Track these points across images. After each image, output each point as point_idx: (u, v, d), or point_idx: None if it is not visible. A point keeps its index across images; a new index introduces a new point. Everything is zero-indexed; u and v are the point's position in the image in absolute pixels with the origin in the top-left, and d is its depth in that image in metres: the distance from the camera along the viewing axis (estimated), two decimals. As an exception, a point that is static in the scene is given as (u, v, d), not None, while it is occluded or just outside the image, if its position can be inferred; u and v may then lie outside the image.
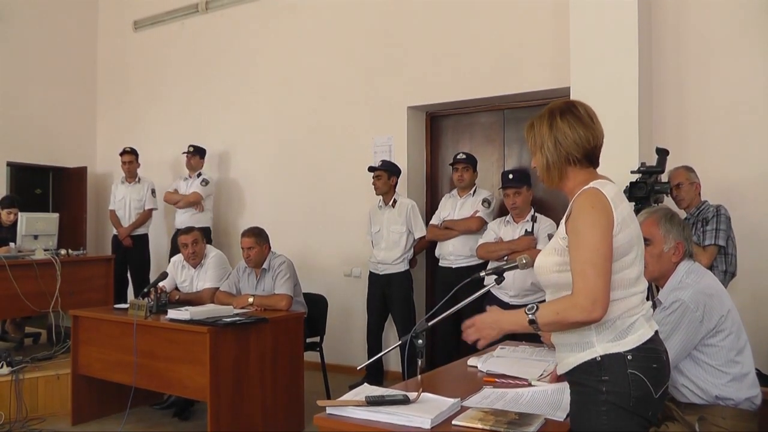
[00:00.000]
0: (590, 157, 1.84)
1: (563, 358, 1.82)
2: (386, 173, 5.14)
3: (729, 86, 4.20)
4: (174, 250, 6.02)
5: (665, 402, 2.32)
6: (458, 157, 4.93)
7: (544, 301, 1.87)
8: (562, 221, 1.82)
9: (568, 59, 4.36)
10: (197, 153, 6.43)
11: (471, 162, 4.92)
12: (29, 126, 7.29)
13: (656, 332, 1.80)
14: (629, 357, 1.71)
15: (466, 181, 4.89)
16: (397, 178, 5.22)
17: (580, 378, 1.77)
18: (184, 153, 6.44)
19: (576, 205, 1.76)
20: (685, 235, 2.46)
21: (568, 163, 1.82)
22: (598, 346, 1.73)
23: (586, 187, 1.78)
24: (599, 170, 1.88)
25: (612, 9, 4.18)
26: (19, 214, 5.47)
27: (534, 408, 2.03)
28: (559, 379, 2.18)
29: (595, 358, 1.73)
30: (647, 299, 1.85)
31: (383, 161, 5.24)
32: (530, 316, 1.76)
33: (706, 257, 3.59)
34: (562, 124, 1.81)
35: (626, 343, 1.72)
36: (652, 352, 1.75)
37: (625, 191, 3.61)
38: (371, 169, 5.18)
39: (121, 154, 6.61)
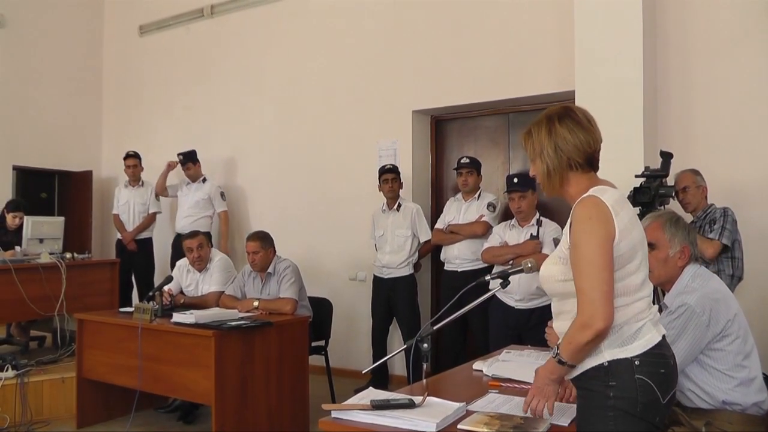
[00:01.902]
0: (591, 161, 1.83)
1: None
2: (398, 176, 5.16)
3: (734, 88, 4.19)
4: (175, 254, 6.01)
5: (672, 407, 2.32)
6: (462, 161, 4.93)
7: (549, 305, 1.89)
8: (566, 229, 1.81)
9: (573, 62, 4.36)
10: (189, 159, 6.26)
11: (475, 166, 4.91)
12: (35, 130, 7.32)
13: (664, 337, 1.79)
14: (637, 362, 1.70)
15: (470, 185, 4.88)
16: None
17: (587, 383, 1.76)
18: (183, 168, 6.34)
19: (575, 216, 1.76)
20: (690, 238, 2.45)
21: (569, 169, 1.81)
22: (606, 351, 1.72)
23: (585, 195, 1.76)
24: (602, 173, 1.88)
25: (616, 12, 4.18)
26: (25, 217, 5.48)
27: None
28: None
29: (603, 363, 1.72)
30: (653, 304, 1.84)
31: (392, 165, 5.25)
32: (557, 358, 1.76)
33: (711, 248, 3.56)
34: (562, 129, 1.80)
35: (633, 349, 1.72)
36: (659, 357, 1.74)
37: (629, 196, 3.59)
38: (387, 171, 5.14)
39: (125, 158, 6.61)
